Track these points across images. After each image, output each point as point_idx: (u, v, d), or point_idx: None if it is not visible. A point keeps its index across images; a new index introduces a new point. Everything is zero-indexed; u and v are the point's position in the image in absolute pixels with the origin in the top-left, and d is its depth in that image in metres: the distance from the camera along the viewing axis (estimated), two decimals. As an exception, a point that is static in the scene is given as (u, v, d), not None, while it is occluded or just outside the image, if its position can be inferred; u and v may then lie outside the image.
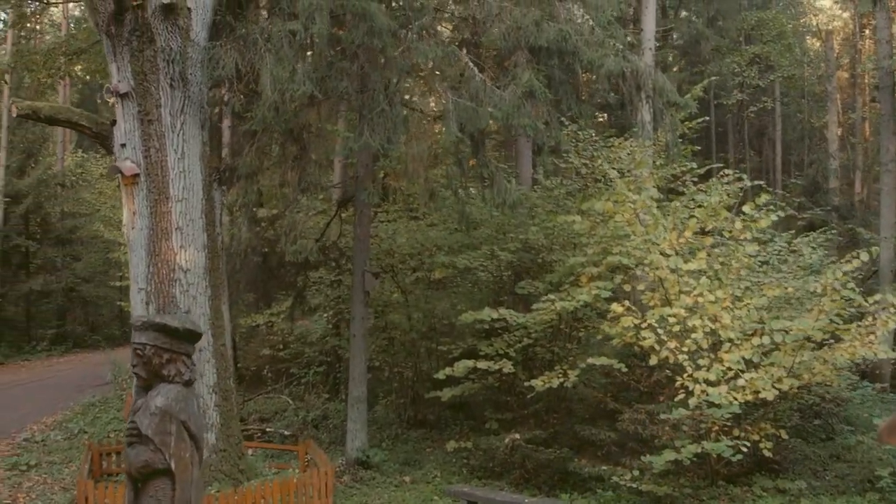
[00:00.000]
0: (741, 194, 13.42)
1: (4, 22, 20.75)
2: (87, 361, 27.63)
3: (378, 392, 16.95)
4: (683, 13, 26.31)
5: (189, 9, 10.19)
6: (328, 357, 18.13)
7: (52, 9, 21.95)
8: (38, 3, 20.46)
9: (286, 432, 15.22)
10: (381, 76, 9.77)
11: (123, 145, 10.25)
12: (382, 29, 8.92)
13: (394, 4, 10.51)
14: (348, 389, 12.13)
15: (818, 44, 36.58)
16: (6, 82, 23.17)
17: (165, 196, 10.10)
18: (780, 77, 28.82)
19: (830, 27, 36.78)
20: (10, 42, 25.03)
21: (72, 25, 27.43)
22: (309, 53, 10.03)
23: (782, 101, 33.21)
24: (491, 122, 9.86)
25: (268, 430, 15.38)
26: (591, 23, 10.37)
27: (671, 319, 9.81)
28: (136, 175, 10.11)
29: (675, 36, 25.78)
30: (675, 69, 29.49)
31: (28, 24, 22.79)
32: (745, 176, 15.17)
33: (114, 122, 10.47)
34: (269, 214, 12.89)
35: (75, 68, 22.67)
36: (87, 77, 26.69)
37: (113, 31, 10.08)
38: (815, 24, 38.66)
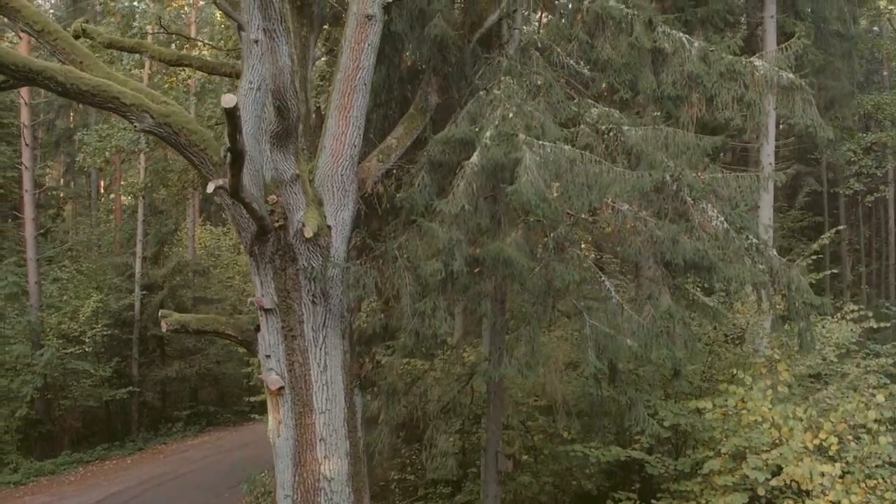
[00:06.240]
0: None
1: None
2: (220, 446, 28.68)
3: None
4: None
5: (329, 226, 10.45)
6: (454, 478, 18.31)
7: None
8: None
9: (419, 575, 15.50)
10: (519, 300, 9.87)
11: (268, 356, 10.63)
12: (522, 270, 8.96)
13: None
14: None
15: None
16: (143, 197, 24.70)
17: (309, 409, 10.38)
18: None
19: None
20: (144, 162, 26.61)
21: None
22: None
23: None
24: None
25: (401, 572, 15.68)
26: (724, 224, 10.10)
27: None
28: (281, 388, 10.52)
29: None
30: (788, 161, 28.45)
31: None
32: (870, 314, 14.77)
33: (257, 329, 10.86)
34: (405, 375, 13.05)
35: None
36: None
37: (256, 251, 10.42)
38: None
